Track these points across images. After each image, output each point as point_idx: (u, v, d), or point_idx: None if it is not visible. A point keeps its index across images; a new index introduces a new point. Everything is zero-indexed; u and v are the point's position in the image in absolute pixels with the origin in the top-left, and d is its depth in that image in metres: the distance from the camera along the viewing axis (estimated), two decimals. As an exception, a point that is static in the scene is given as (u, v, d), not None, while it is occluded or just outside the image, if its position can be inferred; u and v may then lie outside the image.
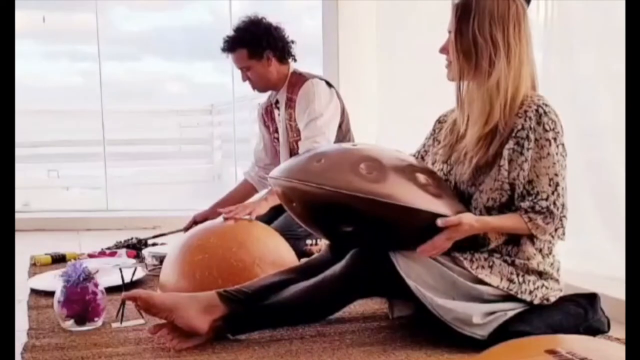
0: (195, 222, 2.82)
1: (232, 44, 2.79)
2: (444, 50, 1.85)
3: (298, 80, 2.82)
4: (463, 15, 1.77)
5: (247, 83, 2.86)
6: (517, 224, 1.74)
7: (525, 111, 1.74)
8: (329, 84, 2.84)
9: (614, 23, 2.24)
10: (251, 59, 2.77)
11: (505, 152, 1.75)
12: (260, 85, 2.85)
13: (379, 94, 3.87)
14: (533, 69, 1.82)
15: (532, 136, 1.73)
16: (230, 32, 2.81)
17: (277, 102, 2.92)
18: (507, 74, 1.75)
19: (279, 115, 2.92)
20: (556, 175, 1.72)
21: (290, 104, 2.83)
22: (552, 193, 1.72)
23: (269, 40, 2.77)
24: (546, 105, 1.75)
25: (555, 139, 1.73)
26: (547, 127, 1.73)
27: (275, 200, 2.49)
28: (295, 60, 2.87)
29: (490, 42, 1.75)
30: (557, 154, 1.73)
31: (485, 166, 1.78)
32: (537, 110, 1.73)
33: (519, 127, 1.74)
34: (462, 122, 1.86)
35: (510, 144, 1.75)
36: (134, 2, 5.99)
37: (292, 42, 2.85)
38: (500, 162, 1.75)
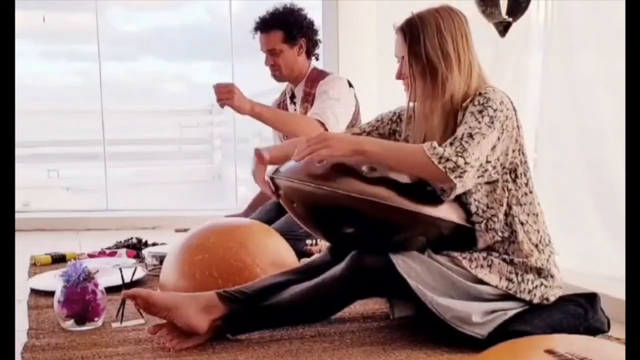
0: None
1: (269, 24, 2.75)
2: (400, 76, 1.87)
3: (318, 75, 2.83)
4: (412, 38, 1.80)
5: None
6: (414, 148, 1.69)
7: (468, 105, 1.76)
8: (349, 84, 2.83)
9: (614, 23, 2.25)
10: (285, 43, 2.75)
11: None
12: (285, 72, 2.81)
13: (379, 94, 3.87)
14: (479, 66, 1.83)
15: (463, 116, 1.74)
16: (262, 14, 2.77)
17: (292, 96, 2.90)
18: (459, 84, 1.77)
19: (294, 110, 2.90)
20: (468, 133, 1.67)
21: (307, 98, 2.81)
22: (461, 140, 1.66)
23: (307, 29, 2.77)
24: (484, 91, 1.75)
25: (480, 112, 1.70)
26: (475, 103, 1.73)
27: (260, 115, 2.51)
28: (317, 59, 2.88)
29: (441, 57, 1.76)
30: (475, 121, 1.69)
31: None
32: (473, 97, 1.75)
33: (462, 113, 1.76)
34: (418, 138, 1.85)
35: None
36: (131, 2, 5.98)
37: (320, 41, 2.86)
38: None
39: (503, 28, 2.47)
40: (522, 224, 1.78)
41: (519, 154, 1.79)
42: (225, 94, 2.46)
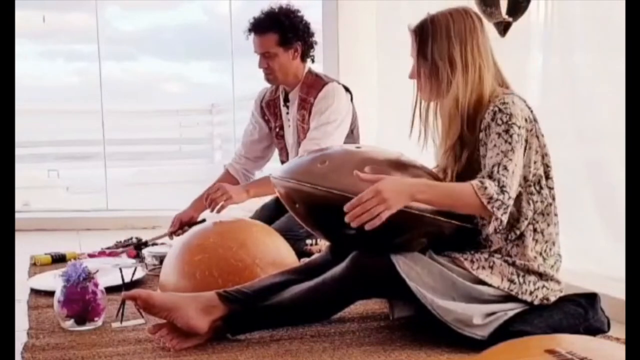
0: (181, 223, 2.78)
1: (264, 25, 2.67)
2: (413, 75, 1.87)
3: (315, 82, 2.76)
4: (422, 40, 1.81)
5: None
6: (464, 189, 1.67)
7: (485, 116, 1.75)
8: (346, 89, 2.79)
9: (614, 23, 2.24)
10: (279, 46, 2.67)
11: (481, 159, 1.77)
12: (278, 76, 2.74)
13: (379, 93, 3.87)
14: (497, 71, 1.83)
15: (486, 134, 1.75)
16: (257, 14, 2.69)
17: (286, 99, 2.83)
18: (464, 90, 1.76)
19: (287, 113, 2.85)
20: (504, 166, 1.68)
21: (304, 105, 2.75)
22: (499, 173, 1.67)
23: (303, 32, 2.70)
24: (503, 103, 1.73)
25: (506, 131, 1.70)
26: (498, 122, 1.72)
27: (256, 194, 2.50)
28: (313, 61, 2.81)
29: (447, 62, 1.77)
30: (505, 143, 1.69)
31: (468, 175, 1.76)
32: (492, 110, 1.73)
33: (481, 131, 1.76)
34: (424, 141, 1.88)
35: (481, 150, 1.76)
36: (130, 1, 5.98)
37: (316, 43, 2.79)
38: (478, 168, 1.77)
39: (503, 28, 2.46)
40: (535, 231, 1.78)
41: (541, 164, 1.79)
42: (220, 196, 2.44)
